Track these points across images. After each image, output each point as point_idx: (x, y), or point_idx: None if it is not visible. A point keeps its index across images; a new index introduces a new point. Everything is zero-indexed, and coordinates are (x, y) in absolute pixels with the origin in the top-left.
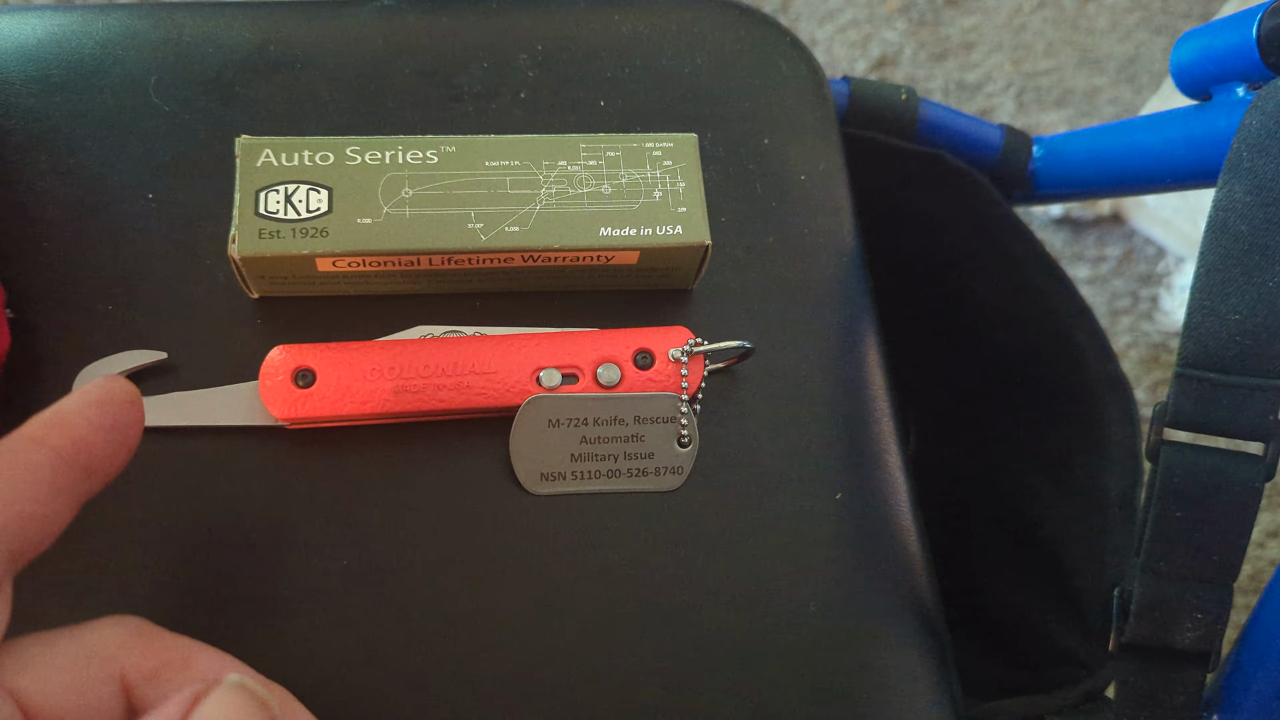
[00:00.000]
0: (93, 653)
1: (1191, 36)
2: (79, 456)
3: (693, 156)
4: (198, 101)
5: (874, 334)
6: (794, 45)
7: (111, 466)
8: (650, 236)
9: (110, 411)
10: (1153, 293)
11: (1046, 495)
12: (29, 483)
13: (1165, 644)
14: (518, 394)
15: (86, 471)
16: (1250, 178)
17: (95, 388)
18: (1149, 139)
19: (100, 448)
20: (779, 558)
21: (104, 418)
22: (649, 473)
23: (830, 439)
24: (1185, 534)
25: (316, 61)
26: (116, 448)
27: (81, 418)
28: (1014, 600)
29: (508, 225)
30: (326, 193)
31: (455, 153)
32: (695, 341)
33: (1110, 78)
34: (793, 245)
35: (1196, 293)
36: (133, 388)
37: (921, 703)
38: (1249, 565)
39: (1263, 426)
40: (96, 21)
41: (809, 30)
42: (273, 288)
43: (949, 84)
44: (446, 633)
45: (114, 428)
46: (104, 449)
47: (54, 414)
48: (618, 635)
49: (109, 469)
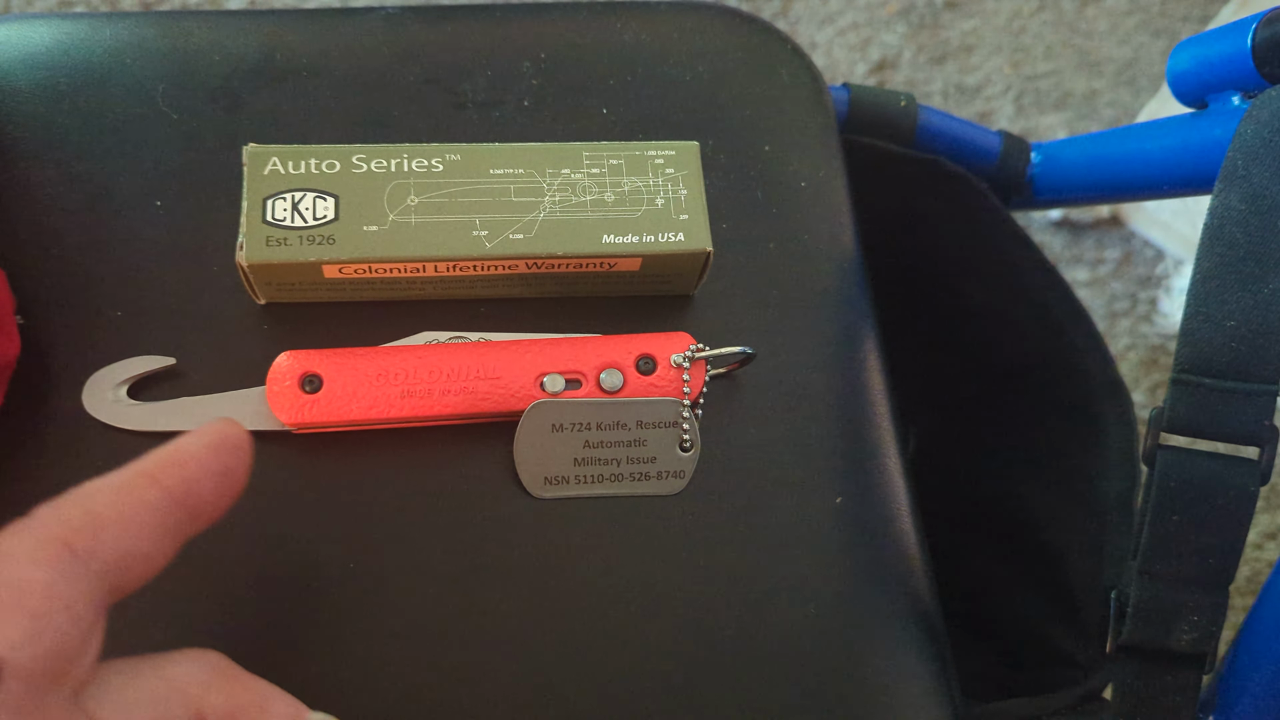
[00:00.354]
0: (174, 689)
1: (1187, 45)
2: (189, 498)
3: (694, 164)
4: (205, 110)
5: (874, 338)
6: (794, 53)
7: (215, 511)
8: (652, 243)
9: (223, 456)
10: (1151, 295)
11: (1044, 498)
12: (140, 521)
13: (1162, 646)
14: (522, 399)
15: (193, 514)
16: (1245, 186)
17: (212, 430)
18: (1145, 146)
19: (209, 493)
20: (780, 560)
21: (216, 462)
22: (651, 477)
23: (830, 443)
24: (1182, 537)
25: (322, 70)
26: (223, 493)
27: (196, 460)
28: (1012, 602)
29: (512, 233)
30: (333, 200)
31: (460, 161)
32: (697, 347)
33: (1109, 81)
34: (793, 251)
35: (1193, 299)
36: (246, 434)
37: (920, 704)
38: (1245, 568)
39: (1258, 431)
40: (104, 30)
41: (809, 33)
42: (280, 294)
43: (948, 87)
44: (451, 634)
45: (224, 473)
46: (213, 494)
47: (171, 453)
48: (620, 636)
49: (212, 514)
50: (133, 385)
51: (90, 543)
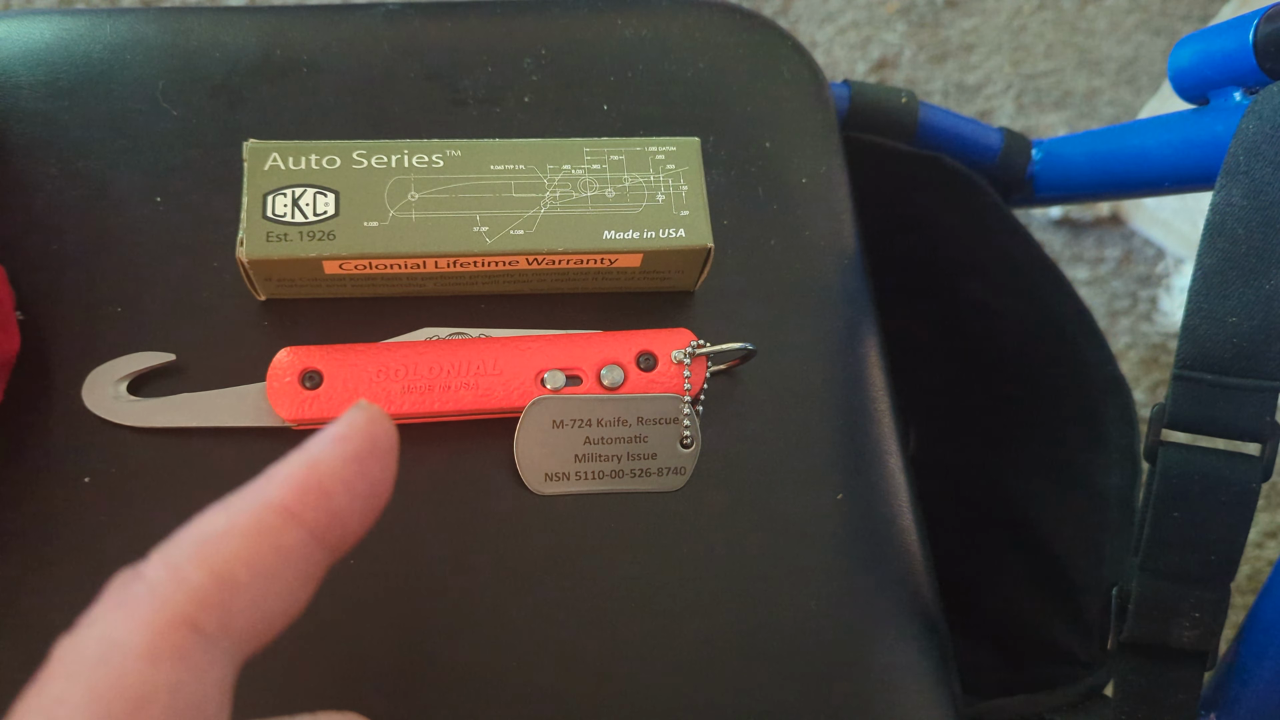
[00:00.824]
0: None
1: (1189, 41)
2: (331, 534)
3: (695, 160)
4: (205, 106)
5: (874, 335)
6: (795, 49)
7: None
8: (653, 239)
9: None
10: (1152, 294)
11: (1046, 495)
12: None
13: (1163, 643)
14: (522, 395)
15: (333, 551)
16: (1247, 182)
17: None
18: (1147, 143)
19: (355, 523)
20: (780, 557)
21: (364, 479)
22: (652, 473)
23: (831, 439)
24: (1183, 534)
25: (323, 66)
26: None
27: (341, 481)
28: (1013, 599)
29: (512, 229)
30: (333, 196)
31: (460, 156)
32: (698, 343)
33: (1110, 79)
34: (794, 247)
35: (1194, 295)
36: (394, 429)
37: (921, 700)
38: (1247, 565)
39: (1259, 427)
40: (104, 26)
41: (809, 32)
42: (280, 290)
43: (949, 85)
44: (451, 630)
45: (372, 493)
46: (358, 523)
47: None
48: (620, 633)
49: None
50: (133, 381)
51: (221, 617)
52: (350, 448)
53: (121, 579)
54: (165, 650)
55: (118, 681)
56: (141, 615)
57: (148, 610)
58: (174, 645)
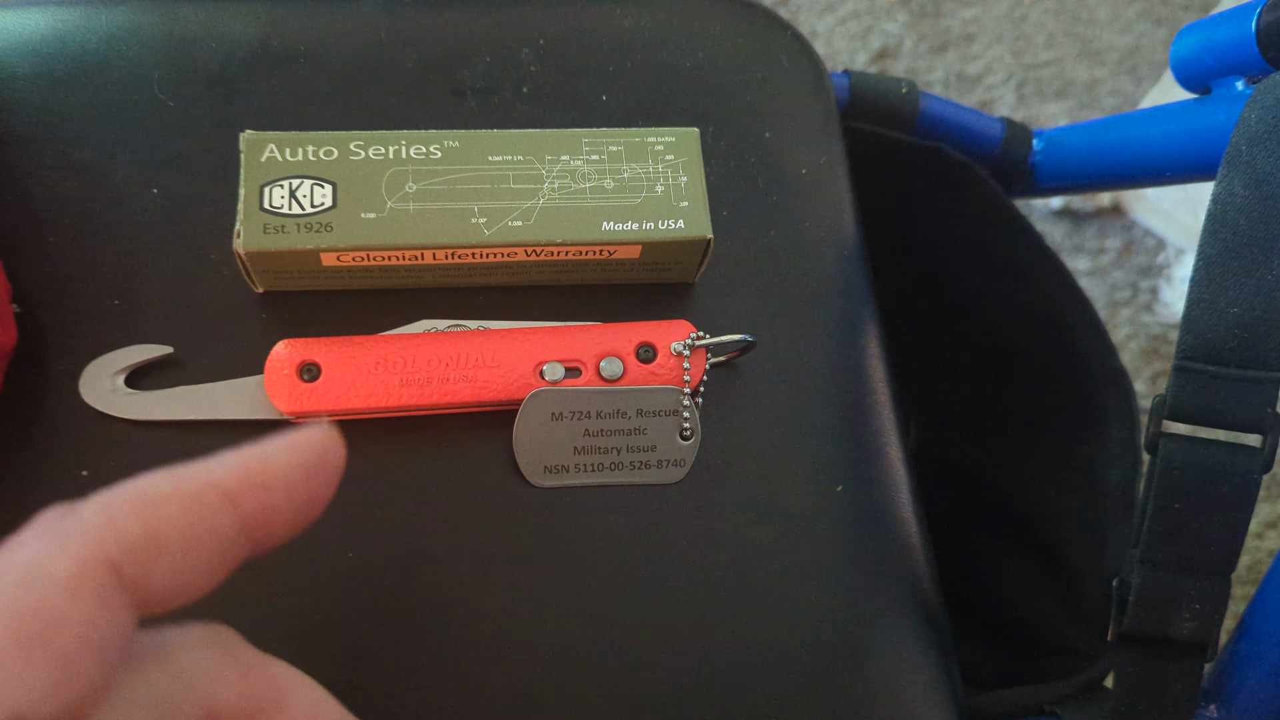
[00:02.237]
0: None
1: (1191, 30)
2: (259, 529)
3: (694, 151)
4: (202, 97)
5: (874, 326)
6: (795, 39)
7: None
8: (652, 231)
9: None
10: (1152, 284)
11: (1046, 486)
12: (203, 549)
13: (1163, 634)
14: (521, 387)
15: (256, 545)
16: (1249, 172)
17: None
18: (1148, 132)
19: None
20: (780, 549)
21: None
22: (651, 465)
23: (831, 431)
24: (1183, 525)
25: (320, 56)
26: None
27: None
28: (1014, 590)
29: (511, 220)
30: (331, 188)
31: (458, 147)
32: (697, 335)
33: (1111, 69)
34: (794, 239)
35: (1195, 286)
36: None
37: (922, 692)
38: (1247, 556)
39: (1260, 419)
40: (100, 16)
41: (809, 22)
42: (277, 282)
43: (949, 76)
44: (449, 623)
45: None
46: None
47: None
48: (619, 625)
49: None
50: (130, 374)
51: (141, 570)
52: (302, 457)
53: (56, 512)
54: (86, 585)
55: (36, 605)
56: (70, 548)
57: (78, 544)
58: (95, 582)
